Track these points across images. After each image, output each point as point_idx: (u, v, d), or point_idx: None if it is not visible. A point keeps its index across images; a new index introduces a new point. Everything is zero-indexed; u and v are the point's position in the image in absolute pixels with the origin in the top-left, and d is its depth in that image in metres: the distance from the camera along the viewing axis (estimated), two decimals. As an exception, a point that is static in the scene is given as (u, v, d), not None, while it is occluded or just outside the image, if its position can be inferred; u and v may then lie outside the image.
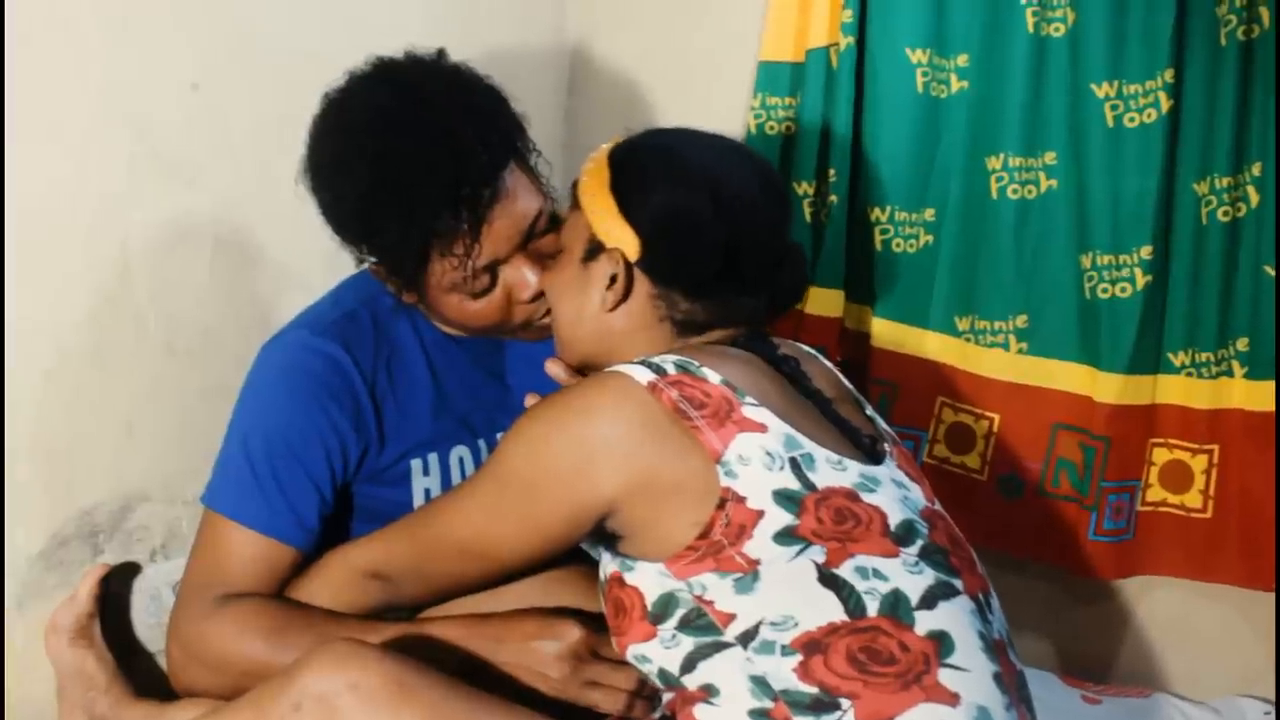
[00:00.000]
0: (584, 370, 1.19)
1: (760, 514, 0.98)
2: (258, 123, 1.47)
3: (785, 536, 0.97)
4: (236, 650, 1.15)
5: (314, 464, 1.22)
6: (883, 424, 1.20)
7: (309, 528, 1.21)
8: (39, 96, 1.24)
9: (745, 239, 1.12)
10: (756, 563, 0.97)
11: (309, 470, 1.21)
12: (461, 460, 1.33)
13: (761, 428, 1.01)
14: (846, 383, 1.23)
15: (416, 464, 1.30)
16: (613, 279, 1.13)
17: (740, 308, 1.15)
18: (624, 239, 1.12)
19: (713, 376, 1.03)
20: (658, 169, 1.14)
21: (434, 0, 1.72)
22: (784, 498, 0.98)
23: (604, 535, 1.06)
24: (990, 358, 1.77)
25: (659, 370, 1.03)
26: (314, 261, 1.49)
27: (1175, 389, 1.71)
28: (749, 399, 1.03)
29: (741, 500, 0.98)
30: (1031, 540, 1.80)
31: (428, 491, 1.30)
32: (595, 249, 1.14)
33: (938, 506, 1.11)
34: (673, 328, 1.14)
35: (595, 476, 1.01)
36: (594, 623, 1.13)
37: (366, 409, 1.25)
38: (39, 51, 1.23)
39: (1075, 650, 1.90)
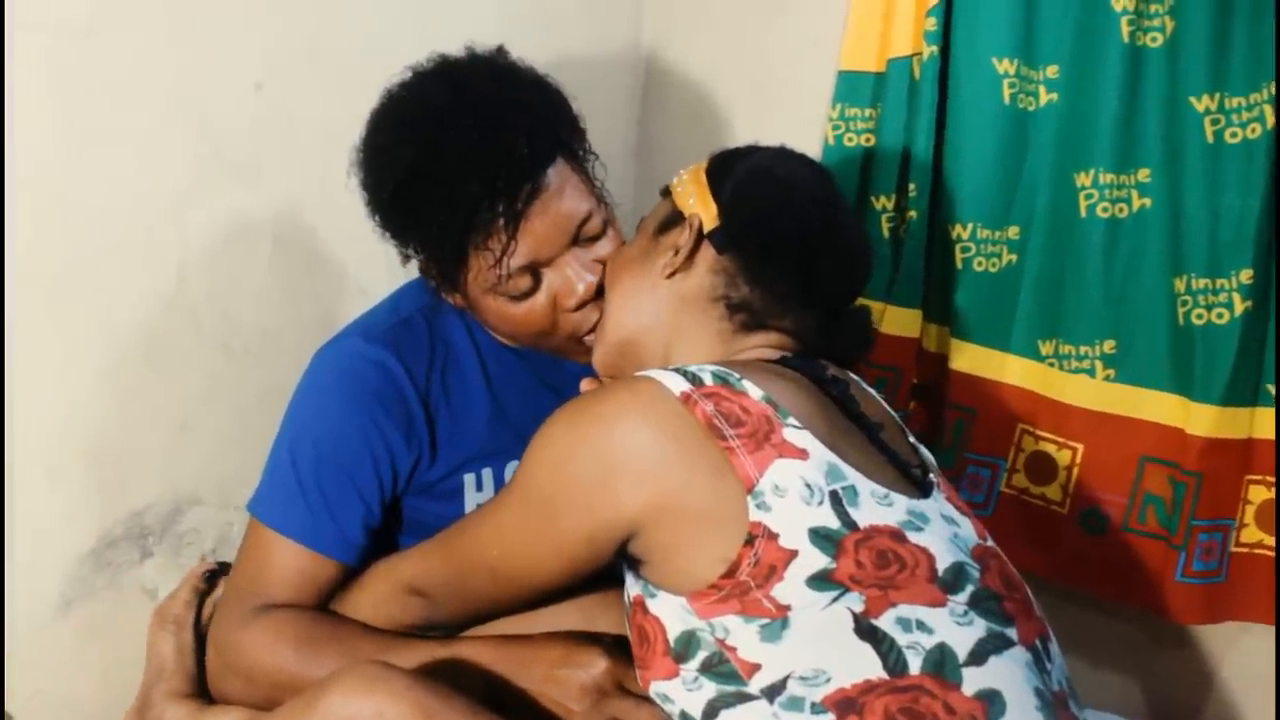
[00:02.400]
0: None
1: (793, 554, 0.90)
2: (323, 124, 1.46)
3: (820, 581, 0.89)
4: (269, 661, 1.14)
5: (362, 476, 1.19)
6: (927, 454, 1.13)
7: (353, 541, 1.19)
8: (104, 94, 1.24)
9: (822, 246, 1.11)
10: (786, 609, 0.89)
11: (356, 483, 1.19)
12: None
13: (803, 454, 0.93)
14: (890, 411, 1.17)
15: (469, 478, 1.26)
16: (678, 249, 1.11)
17: (797, 316, 1.10)
18: (704, 208, 1.10)
19: (754, 391, 0.96)
20: (758, 164, 1.16)
21: (509, 4, 1.70)
22: (821, 537, 0.90)
23: (628, 557, 1.00)
24: (1075, 384, 1.69)
25: (695, 380, 0.96)
26: (375, 265, 1.48)
27: (1274, 423, 1.60)
28: (792, 420, 0.95)
29: (773, 538, 0.90)
30: (1114, 579, 1.70)
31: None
32: (672, 220, 1.14)
33: (990, 543, 1.03)
34: (726, 312, 1.09)
35: (617, 491, 0.94)
36: (627, 652, 1.08)
37: (419, 420, 1.22)
38: (104, 48, 1.23)
39: (1159, 697, 1.80)
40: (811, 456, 0.93)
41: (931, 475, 1.05)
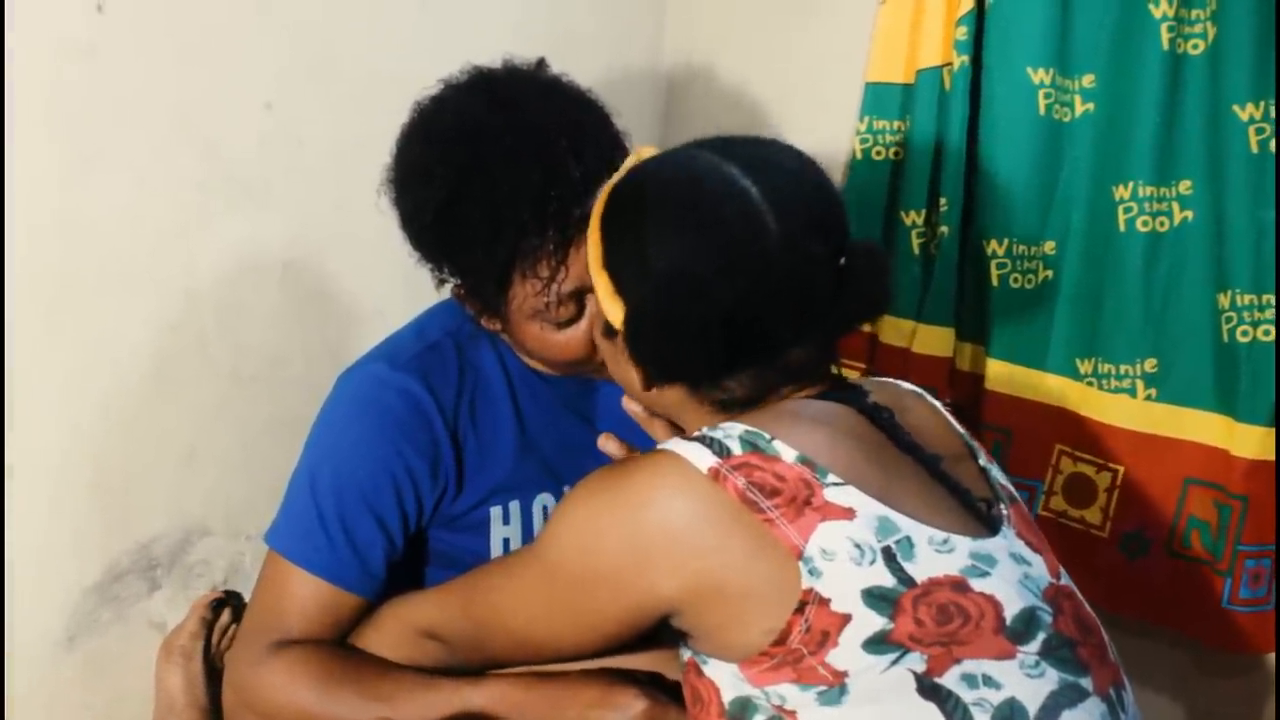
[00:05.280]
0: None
1: (847, 618, 0.84)
2: (333, 145, 1.43)
3: (877, 644, 0.83)
4: (286, 700, 1.10)
5: (385, 508, 1.15)
6: (999, 476, 1.04)
7: (375, 575, 1.15)
8: (108, 114, 1.20)
9: (761, 298, 0.92)
10: (844, 674, 0.83)
11: (379, 515, 1.15)
12: (546, 509, 1.25)
13: (848, 513, 0.86)
14: (958, 426, 1.08)
15: (496, 511, 1.22)
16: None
17: (793, 367, 0.98)
18: (614, 315, 0.97)
19: (787, 454, 0.89)
20: (646, 227, 0.96)
21: (526, 20, 1.67)
22: (876, 598, 0.84)
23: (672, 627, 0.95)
24: (1115, 404, 1.64)
25: (723, 450, 0.89)
26: (389, 289, 1.45)
27: (1324, 444, 1.55)
28: (832, 477, 0.88)
29: (825, 603, 0.84)
30: (1157, 605, 1.66)
31: (506, 541, 1.22)
32: (607, 326, 1.00)
33: (1064, 581, 0.96)
34: (717, 407, 0.98)
35: (651, 578, 0.88)
36: (664, 690, 1.04)
37: (445, 450, 1.17)
38: (108, 67, 1.20)
39: (1206, 729, 1.74)
40: (859, 515, 0.87)
41: (1004, 506, 0.98)
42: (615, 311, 0.97)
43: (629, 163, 1.03)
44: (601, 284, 0.98)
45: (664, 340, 0.93)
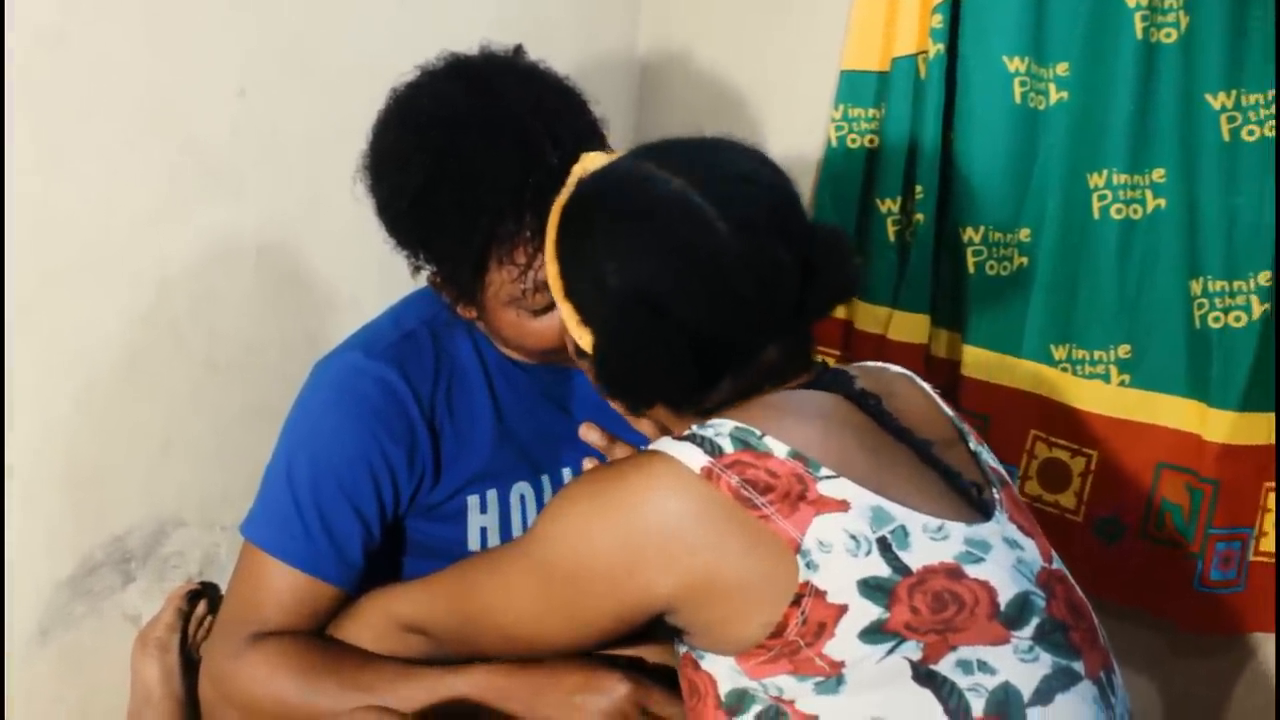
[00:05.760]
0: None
1: (843, 609, 0.84)
2: (308, 132, 1.40)
3: (873, 634, 0.84)
4: (265, 693, 1.09)
5: (362, 498, 1.14)
6: (990, 459, 1.04)
7: (353, 565, 1.14)
8: (77, 101, 1.18)
9: (726, 312, 0.92)
10: (840, 664, 0.84)
11: (356, 505, 1.14)
12: (523, 498, 1.24)
13: (842, 505, 0.87)
14: (947, 410, 1.07)
15: (474, 500, 1.21)
16: None
17: (771, 366, 0.97)
18: (583, 340, 0.97)
19: (778, 449, 0.89)
20: (597, 253, 0.94)
21: (502, 8, 1.65)
22: (871, 588, 0.85)
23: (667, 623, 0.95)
24: (1089, 390, 1.66)
25: (714, 449, 0.88)
26: (365, 276, 1.43)
27: (1295, 429, 1.57)
28: (824, 470, 0.88)
29: (820, 595, 0.84)
30: (1129, 588, 1.68)
31: (484, 530, 1.22)
32: (578, 348, 1.00)
33: (1056, 564, 0.96)
34: (705, 415, 0.96)
35: (646, 577, 0.88)
36: (648, 674, 1.04)
37: (422, 439, 1.17)
38: (78, 54, 1.17)
39: (1179, 708, 1.77)
40: (853, 506, 0.87)
41: (995, 491, 0.98)
42: (585, 338, 0.97)
43: (574, 176, 1.02)
44: (568, 313, 0.98)
45: (633, 373, 0.93)
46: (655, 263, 0.91)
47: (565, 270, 0.98)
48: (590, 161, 1.02)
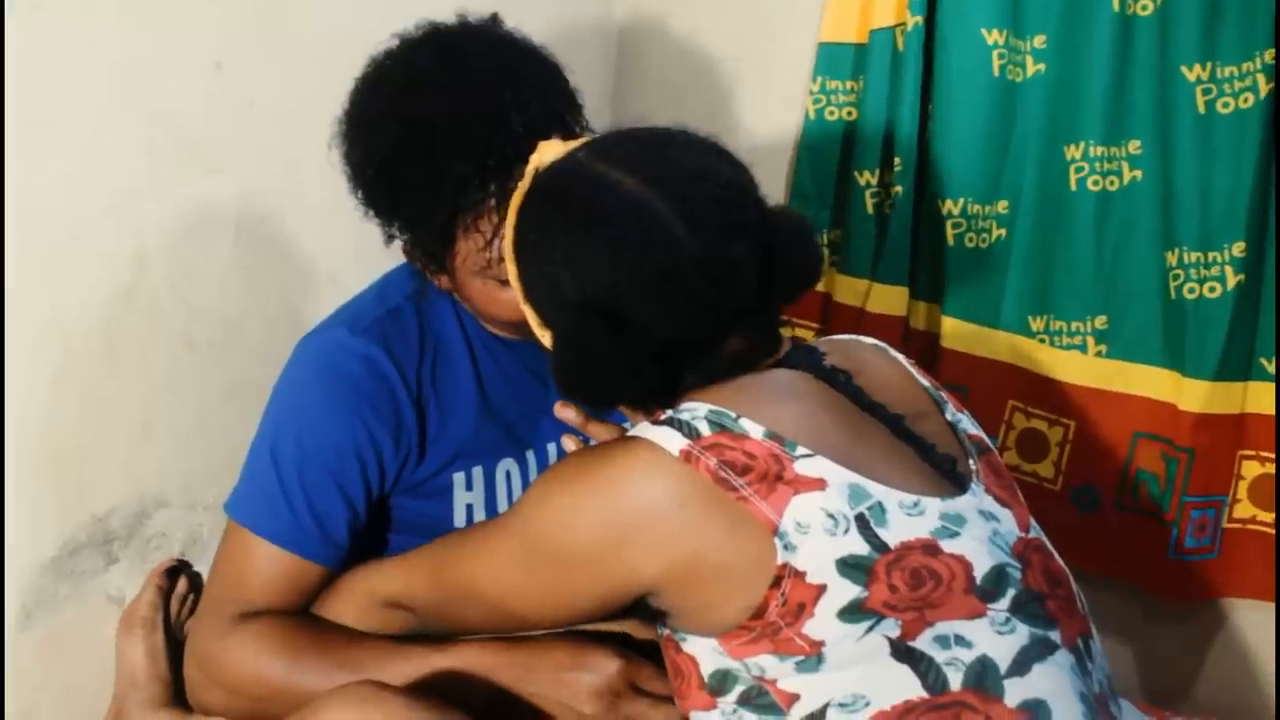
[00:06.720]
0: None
1: (822, 589, 0.85)
2: (285, 106, 1.39)
3: (852, 613, 0.85)
4: (252, 672, 1.09)
5: (347, 476, 1.13)
6: (969, 425, 1.04)
7: (338, 544, 1.13)
8: (49, 75, 1.16)
9: (686, 314, 0.91)
10: (820, 644, 0.85)
11: (341, 483, 1.13)
12: (509, 474, 1.24)
13: (819, 484, 0.87)
14: (922, 379, 1.07)
15: (459, 477, 1.21)
16: None
17: (738, 353, 0.97)
18: (545, 338, 0.98)
19: (754, 430, 0.89)
20: (554, 260, 0.93)
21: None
22: (850, 567, 0.85)
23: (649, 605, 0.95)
24: (1066, 360, 1.67)
25: (692, 433, 0.88)
26: (344, 251, 1.42)
27: (1268, 397, 1.58)
28: (800, 449, 0.88)
29: (800, 575, 0.85)
30: (1106, 556, 1.69)
31: (469, 507, 1.21)
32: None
33: (1034, 534, 0.97)
34: (679, 399, 0.95)
35: (631, 561, 0.88)
36: (637, 650, 1.05)
37: (408, 417, 1.16)
38: (49, 26, 1.15)
39: (1154, 674, 1.79)
40: (830, 484, 0.87)
41: (972, 461, 0.98)
42: (547, 339, 0.97)
43: (531, 166, 1.00)
44: (529, 315, 0.99)
45: (592, 380, 0.93)
46: (610, 274, 0.90)
47: (523, 274, 0.97)
48: (547, 151, 1.00)
